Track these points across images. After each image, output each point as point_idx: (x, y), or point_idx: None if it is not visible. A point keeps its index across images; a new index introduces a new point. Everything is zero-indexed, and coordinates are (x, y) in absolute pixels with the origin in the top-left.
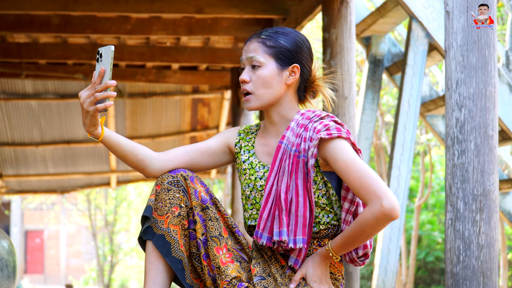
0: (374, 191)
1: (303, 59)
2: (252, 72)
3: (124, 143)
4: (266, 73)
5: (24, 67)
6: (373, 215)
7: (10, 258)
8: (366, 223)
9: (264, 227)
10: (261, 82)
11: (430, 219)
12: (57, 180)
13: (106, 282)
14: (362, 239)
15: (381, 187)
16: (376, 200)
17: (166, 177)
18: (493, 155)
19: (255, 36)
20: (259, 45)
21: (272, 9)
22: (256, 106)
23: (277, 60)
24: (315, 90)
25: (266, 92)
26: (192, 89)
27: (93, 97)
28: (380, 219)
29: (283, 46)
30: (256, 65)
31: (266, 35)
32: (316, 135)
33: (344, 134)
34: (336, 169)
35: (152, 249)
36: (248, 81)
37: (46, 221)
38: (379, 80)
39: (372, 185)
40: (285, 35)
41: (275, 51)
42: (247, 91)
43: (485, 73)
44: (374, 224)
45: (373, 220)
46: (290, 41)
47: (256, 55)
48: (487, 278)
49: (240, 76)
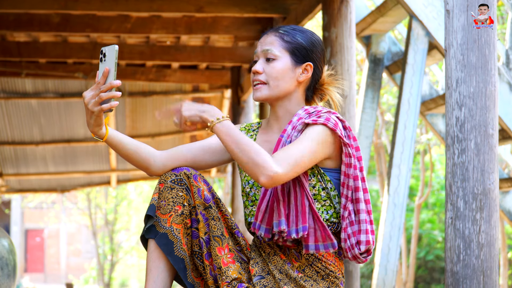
0: (278, 162)
1: (317, 59)
2: (266, 64)
3: (128, 142)
4: (280, 66)
5: (24, 66)
6: (262, 164)
7: (10, 257)
8: (249, 150)
9: (262, 219)
10: (274, 74)
11: (430, 218)
12: (57, 179)
13: (106, 281)
14: (232, 149)
15: (287, 162)
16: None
17: (169, 175)
18: (493, 154)
19: (273, 30)
20: (276, 39)
21: (272, 8)
22: (266, 95)
23: (292, 56)
24: (324, 93)
25: (278, 84)
26: (192, 88)
27: (98, 97)
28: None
29: (300, 43)
30: (271, 58)
31: (284, 30)
32: (302, 120)
33: (330, 124)
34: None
35: (154, 247)
36: (261, 72)
37: (46, 220)
38: (379, 79)
39: (286, 158)
40: (302, 32)
41: (291, 46)
42: (259, 81)
43: (485, 72)
44: (251, 163)
45: (254, 161)
46: (306, 39)
47: (273, 48)
48: (487, 277)
49: (254, 67)
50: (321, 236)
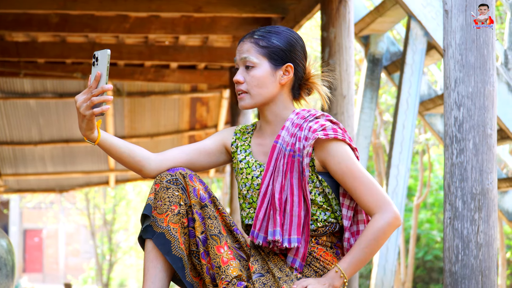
0: (383, 199)
1: (297, 58)
2: (246, 72)
3: (121, 145)
4: (259, 73)
5: (23, 66)
6: (388, 222)
7: (8, 257)
8: (381, 231)
9: (260, 227)
10: (255, 82)
11: (428, 218)
12: (56, 179)
13: (104, 281)
14: (375, 250)
15: (387, 195)
16: (388, 207)
17: (165, 175)
18: (492, 154)
19: (248, 36)
20: (252, 46)
21: (271, 8)
22: (250, 104)
23: (270, 60)
24: (310, 87)
25: (260, 91)
26: (190, 88)
27: (89, 101)
28: (393, 225)
29: (276, 46)
30: (250, 66)
31: (259, 35)
32: (312, 134)
33: (340, 135)
34: (336, 172)
35: (152, 247)
36: (242, 81)
37: (45, 220)
38: (377, 79)
39: (381, 193)
40: (278, 34)
41: (268, 51)
42: (241, 91)
43: (483, 72)
44: (388, 231)
45: (387, 227)
46: (283, 40)
47: (249, 55)
48: (485, 277)
49: (234, 77)
50: (302, 252)
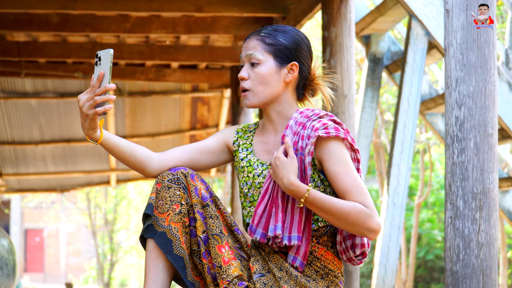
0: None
1: (302, 57)
2: (250, 69)
3: (123, 144)
4: (264, 70)
5: (24, 66)
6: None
7: (9, 257)
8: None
9: (258, 223)
10: (259, 80)
11: (429, 217)
12: (57, 178)
13: (106, 281)
14: (333, 218)
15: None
16: (374, 214)
17: (166, 175)
18: (493, 154)
19: (255, 34)
20: (258, 43)
21: (272, 8)
22: (254, 103)
23: (275, 58)
24: (314, 88)
25: (264, 89)
26: (191, 87)
27: (92, 100)
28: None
29: (282, 44)
30: (255, 63)
31: (266, 32)
32: (314, 133)
33: (342, 134)
34: (330, 170)
35: (153, 247)
36: (246, 78)
37: (46, 219)
38: (378, 78)
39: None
40: (284, 33)
41: (274, 48)
42: (245, 88)
43: (484, 71)
44: (361, 223)
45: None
46: (289, 39)
47: (255, 52)
48: (486, 276)
49: (239, 74)
50: (303, 251)
